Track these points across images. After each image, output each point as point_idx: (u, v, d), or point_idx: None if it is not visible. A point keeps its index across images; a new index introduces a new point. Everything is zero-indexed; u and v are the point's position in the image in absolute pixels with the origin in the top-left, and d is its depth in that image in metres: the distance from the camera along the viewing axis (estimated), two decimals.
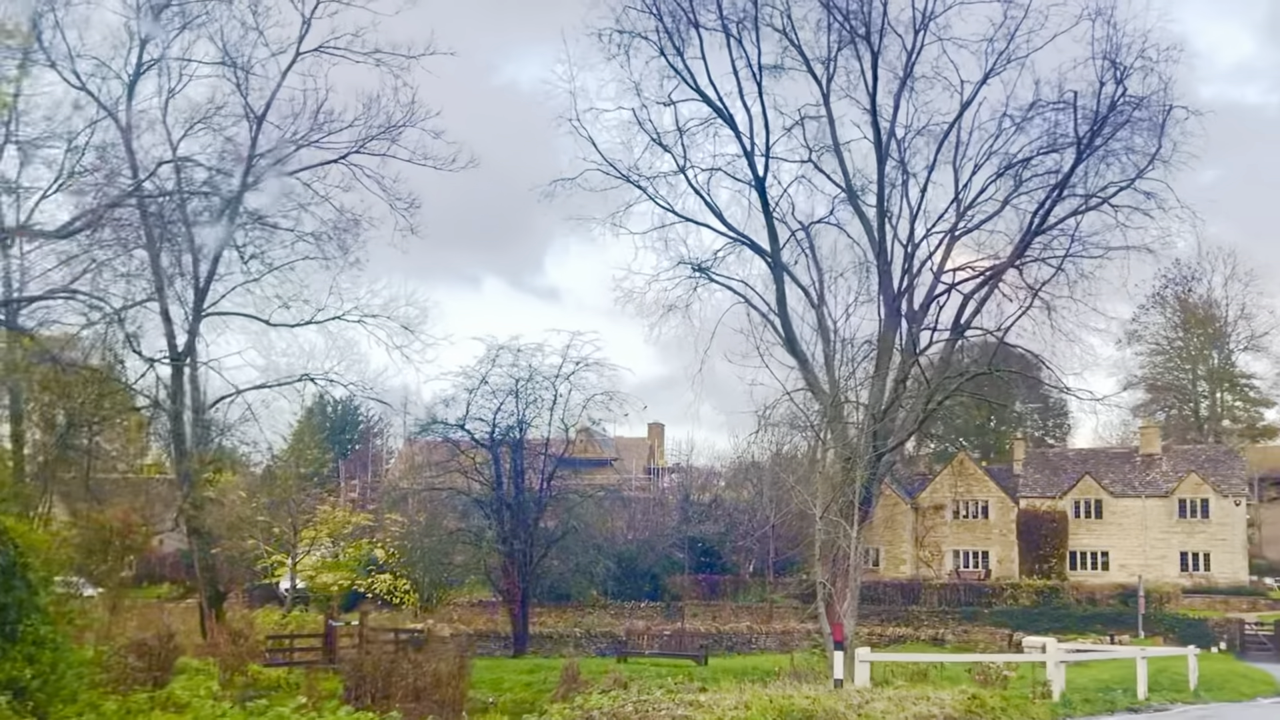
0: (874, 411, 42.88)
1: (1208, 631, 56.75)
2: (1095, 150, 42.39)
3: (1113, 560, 74.05)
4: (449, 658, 25.09)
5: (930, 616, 63.18)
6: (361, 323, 44.32)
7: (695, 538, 72.43)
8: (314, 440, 75.69)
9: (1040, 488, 76.96)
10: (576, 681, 28.69)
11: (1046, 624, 58.96)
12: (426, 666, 24.21)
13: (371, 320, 43.96)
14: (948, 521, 77.39)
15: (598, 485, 67.22)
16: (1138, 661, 29.14)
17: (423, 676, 24.21)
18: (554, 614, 58.93)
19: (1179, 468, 75.36)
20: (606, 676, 29.42)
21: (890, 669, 29.81)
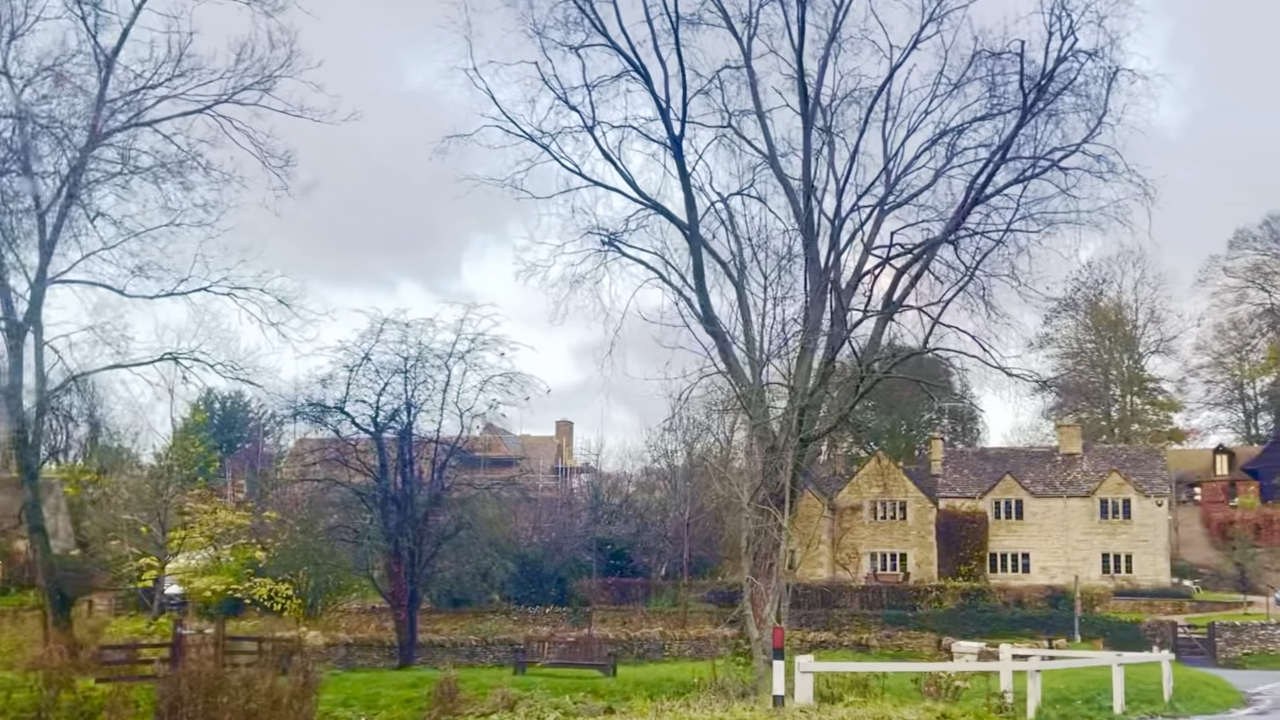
0: (800, 393, 37.96)
1: (1140, 635, 52.96)
2: (1041, 111, 38.08)
3: (1034, 562, 70.33)
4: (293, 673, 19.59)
5: (851, 620, 58.72)
6: (231, 295, 38.62)
7: (605, 539, 67.34)
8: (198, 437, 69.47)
9: (960, 488, 73.07)
10: (454, 700, 23.43)
11: (974, 628, 54.86)
12: (260, 684, 18.67)
13: (242, 293, 38.28)
14: (865, 523, 73.13)
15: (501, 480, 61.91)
16: (1114, 669, 24.61)
17: (256, 696, 18.62)
18: (450, 620, 53.43)
19: (1100, 467, 71.95)
20: (494, 693, 24.17)
21: (828, 680, 24.87)
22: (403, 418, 37.81)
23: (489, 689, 28.14)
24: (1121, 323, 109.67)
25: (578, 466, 77.97)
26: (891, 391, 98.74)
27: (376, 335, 37.04)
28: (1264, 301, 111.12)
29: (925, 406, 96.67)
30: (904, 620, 57.84)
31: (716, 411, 37.94)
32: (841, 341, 40.14)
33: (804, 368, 39.48)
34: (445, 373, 37.92)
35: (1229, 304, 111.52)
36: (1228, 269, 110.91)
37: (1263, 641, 51.80)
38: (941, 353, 39.13)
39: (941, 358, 43.67)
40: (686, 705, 17.35)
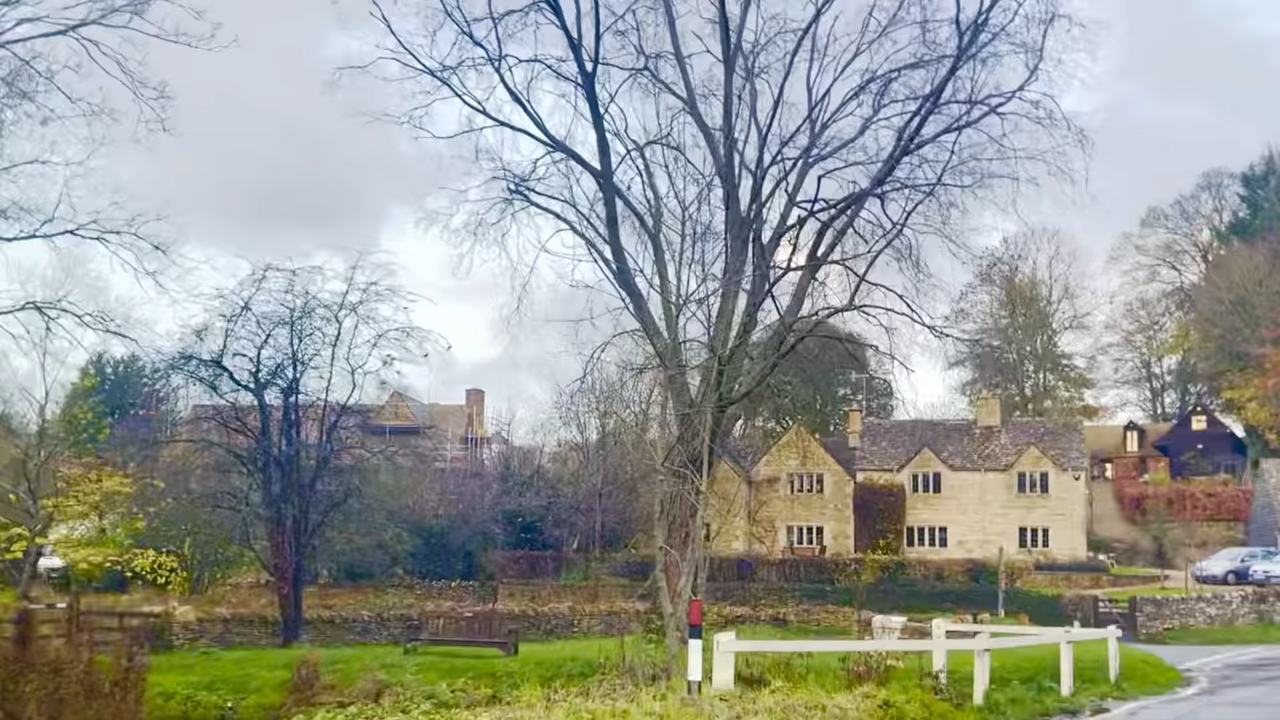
0: (719, 352, 34.91)
1: (1061, 609, 51.02)
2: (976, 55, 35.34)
3: (951, 536, 68.46)
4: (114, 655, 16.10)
5: (768, 594, 56.13)
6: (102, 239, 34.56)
7: (515, 511, 64.02)
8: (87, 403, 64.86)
9: (878, 460, 70.93)
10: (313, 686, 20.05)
11: (893, 602, 52.47)
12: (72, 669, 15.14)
13: (114, 238, 34.23)
14: (783, 495, 70.63)
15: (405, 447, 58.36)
16: (1063, 649, 22.01)
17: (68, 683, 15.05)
18: (348, 595, 49.79)
19: (1018, 441, 70.26)
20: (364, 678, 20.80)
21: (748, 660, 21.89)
22: (287, 374, 34.21)
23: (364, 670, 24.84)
24: (1036, 299, 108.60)
25: (489, 436, 74.44)
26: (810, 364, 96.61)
27: (257, 283, 33.37)
28: (1174, 280, 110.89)
29: (842, 381, 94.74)
30: (822, 594, 55.41)
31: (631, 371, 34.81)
32: (763, 297, 37.21)
33: (723, 325, 36.48)
34: (335, 326, 34.36)
35: (1140, 282, 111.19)
36: (1140, 247, 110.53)
37: (1183, 616, 50.15)
38: (868, 310, 36.48)
39: (860, 337, 41.08)
40: (585, 694, 14.25)
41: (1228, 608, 50.39)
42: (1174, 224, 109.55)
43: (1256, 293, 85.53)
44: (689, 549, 37.08)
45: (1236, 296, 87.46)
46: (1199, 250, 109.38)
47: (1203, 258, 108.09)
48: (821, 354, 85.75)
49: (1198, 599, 50.70)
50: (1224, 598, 50.93)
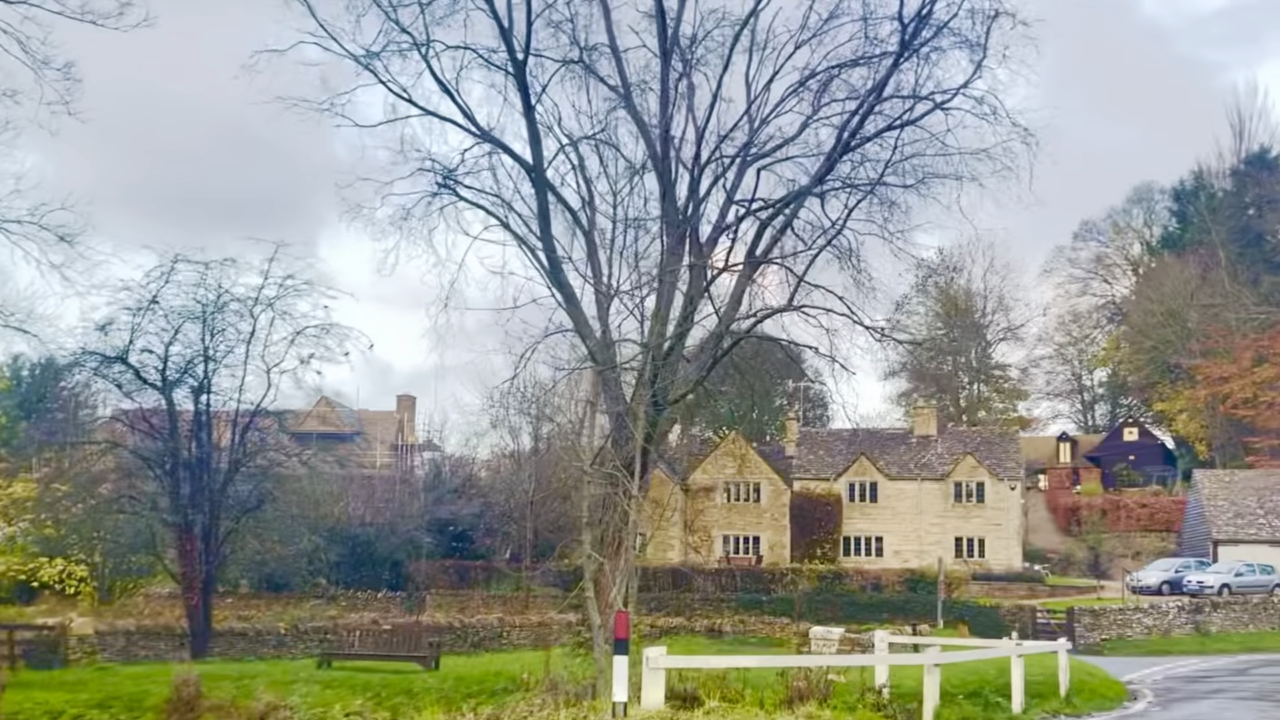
0: (654, 352, 33.27)
1: (999, 620, 49.96)
2: (921, 47, 34.09)
3: (887, 545, 67.39)
4: None
5: (704, 605, 54.57)
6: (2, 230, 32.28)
7: (445, 520, 61.97)
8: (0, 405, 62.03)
9: (814, 469, 69.73)
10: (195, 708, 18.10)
11: (831, 612, 51.26)
12: None
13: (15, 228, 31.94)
14: (718, 505, 69.18)
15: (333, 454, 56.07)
16: (1012, 661, 20.61)
17: None
18: (268, 606, 47.50)
19: (954, 450, 69.39)
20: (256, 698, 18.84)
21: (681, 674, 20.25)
22: (198, 372, 32.04)
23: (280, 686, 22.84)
24: (970, 311, 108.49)
25: (420, 443, 72.26)
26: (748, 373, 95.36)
27: (166, 275, 31.21)
28: (1106, 293, 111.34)
29: (779, 391, 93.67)
30: (758, 605, 53.94)
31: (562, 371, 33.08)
32: (699, 297, 35.72)
33: (659, 325, 34.92)
34: (250, 322, 32.26)
35: (1073, 294, 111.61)
36: (1072, 260, 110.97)
37: (1120, 627, 49.31)
38: (807, 310, 35.08)
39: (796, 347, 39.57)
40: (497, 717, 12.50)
41: (1164, 618, 49.63)
42: (1106, 237, 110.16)
43: (1188, 305, 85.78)
44: (621, 558, 35.45)
45: (1168, 309, 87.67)
46: (1130, 264, 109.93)
47: (1134, 271, 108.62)
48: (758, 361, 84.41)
49: (1135, 610, 49.90)
50: (1160, 608, 50.19)
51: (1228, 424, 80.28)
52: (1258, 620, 50.48)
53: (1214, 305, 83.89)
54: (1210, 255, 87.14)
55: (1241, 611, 50.65)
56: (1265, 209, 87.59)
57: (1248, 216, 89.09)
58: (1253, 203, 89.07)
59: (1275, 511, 65.75)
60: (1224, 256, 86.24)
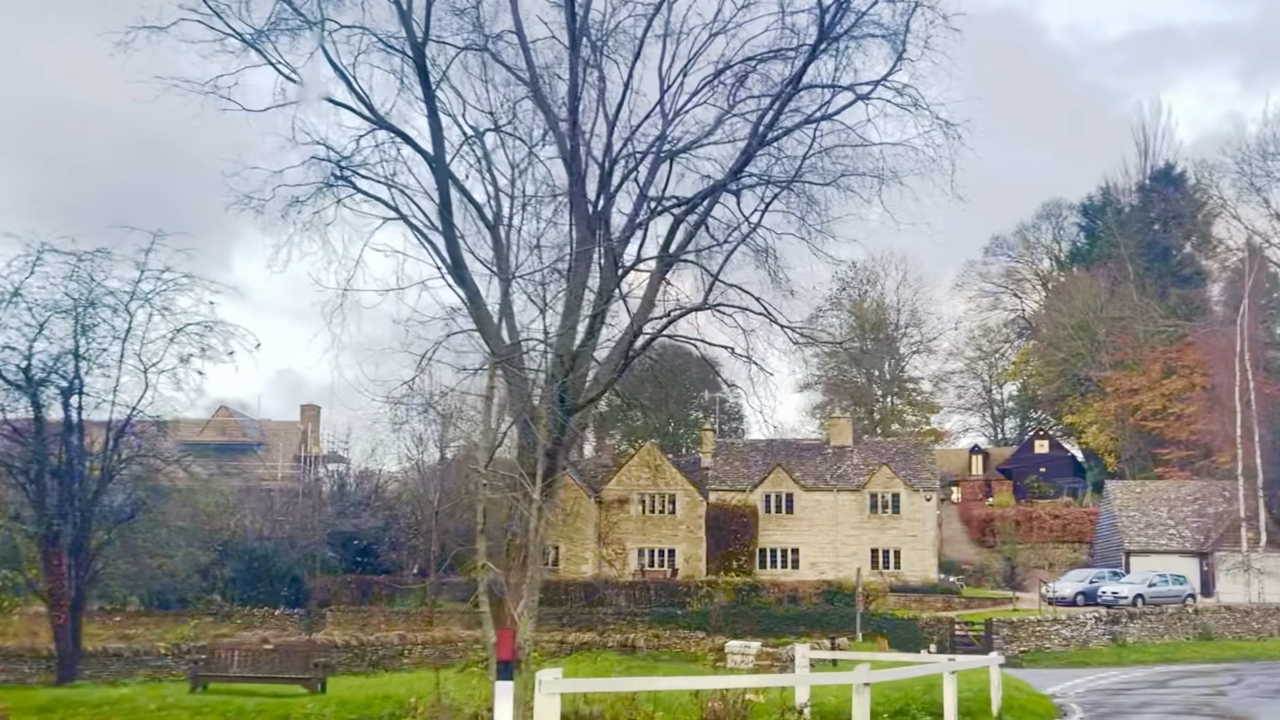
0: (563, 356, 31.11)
1: (917, 633, 48.54)
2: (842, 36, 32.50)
3: (803, 557, 65.86)
4: None
5: (617, 619, 52.37)
6: None
7: (349, 534, 59.14)
8: None
9: (730, 480, 68.00)
10: None
11: (747, 626, 49.41)
12: None
13: None
14: (633, 517, 67.11)
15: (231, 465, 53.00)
16: (945, 679, 18.80)
17: None
18: (157, 623, 44.39)
19: (870, 460, 68.19)
20: None
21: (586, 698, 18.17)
22: (67, 371, 29.18)
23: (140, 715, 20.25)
24: (884, 324, 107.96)
25: (324, 454, 69.22)
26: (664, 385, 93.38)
27: (32, 266, 28.34)
28: (1016, 308, 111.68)
29: (696, 405, 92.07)
30: (673, 618, 51.88)
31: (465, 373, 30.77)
32: (610, 295, 33.74)
33: (569, 325, 32.86)
34: (125, 318, 29.49)
35: (984, 308, 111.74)
36: (983, 274, 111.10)
37: (1039, 639, 48.17)
38: (722, 309, 33.30)
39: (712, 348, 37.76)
40: None
41: (1082, 629, 48.61)
42: (1016, 252, 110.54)
43: (1097, 318, 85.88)
44: (527, 570, 33.24)
45: (1078, 322, 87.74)
46: (1039, 279, 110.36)
47: (1043, 285, 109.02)
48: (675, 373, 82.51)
49: (1053, 621, 48.83)
50: (1078, 619, 49.18)
51: (1137, 436, 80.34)
52: (1173, 631, 49.71)
53: (1123, 318, 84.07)
54: (1119, 269, 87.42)
55: (1157, 622, 49.83)
56: (1170, 224, 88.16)
57: (1154, 231, 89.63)
58: (1158, 218, 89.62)
59: (1185, 522, 65.50)
60: (1132, 270, 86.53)
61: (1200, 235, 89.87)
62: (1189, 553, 63.48)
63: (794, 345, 34.65)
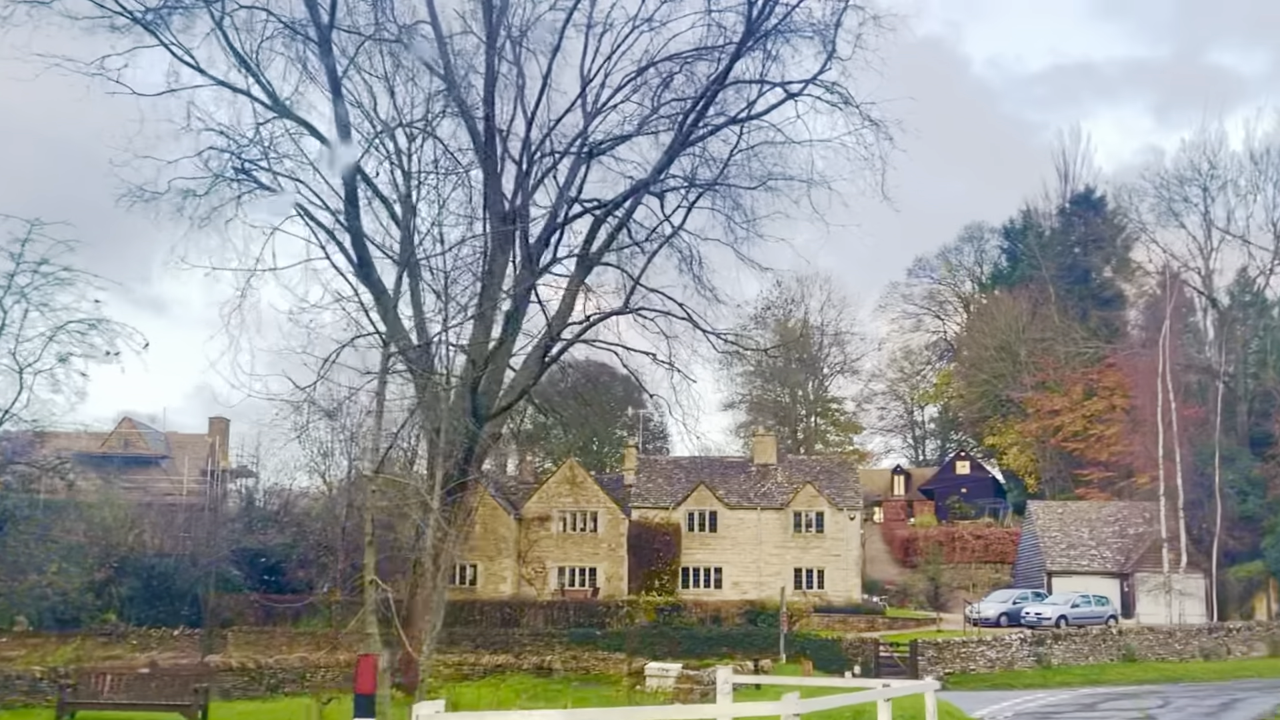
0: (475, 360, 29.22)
1: (841, 654, 47.08)
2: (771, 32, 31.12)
3: (726, 577, 64.21)
4: None
5: (534, 640, 50.27)
6: None
7: (256, 551, 56.28)
8: None
9: (653, 498, 66.24)
10: None
11: (668, 646, 47.59)
12: None
13: None
14: (554, 535, 64.97)
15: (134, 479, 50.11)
16: (880, 706, 17.08)
17: None
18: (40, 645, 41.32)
19: (794, 479, 66.83)
20: None
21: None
22: None
23: None
24: (808, 344, 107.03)
25: (233, 469, 66.16)
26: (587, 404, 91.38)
27: None
28: (938, 329, 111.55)
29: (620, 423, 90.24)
30: (592, 639, 49.86)
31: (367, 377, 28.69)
32: (527, 298, 31.89)
33: (482, 328, 30.92)
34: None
35: (906, 330, 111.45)
36: (906, 296, 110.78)
37: (964, 660, 46.89)
38: (644, 312, 31.68)
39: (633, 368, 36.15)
40: None
41: (1007, 650, 47.42)
42: (938, 274, 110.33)
43: (1018, 340, 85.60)
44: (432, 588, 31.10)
45: (1000, 343, 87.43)
46: (961, 301, 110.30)
47: (965, 308, 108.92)
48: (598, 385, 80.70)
49: (978, 642, 47.59)
50: (1003, 640, 48.00)
51: (1058, 456, 79.97)
52: (1097, 652, 48.75)
53: (1044, 339, 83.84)
54: (1040, 291, 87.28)
55: (1081, 643, 48.85)
56: (1090, 246, 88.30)
57: (1074, 254, 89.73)
58: (1079, 241, 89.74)
59: (1106, 543, 64.96)
60: (1053, 292, 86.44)
61: (1120, 259, 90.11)
62: (1110, 574, 62.88)
63: (718, 353, 33.29)
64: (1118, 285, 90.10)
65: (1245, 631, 52.63)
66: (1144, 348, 67.84)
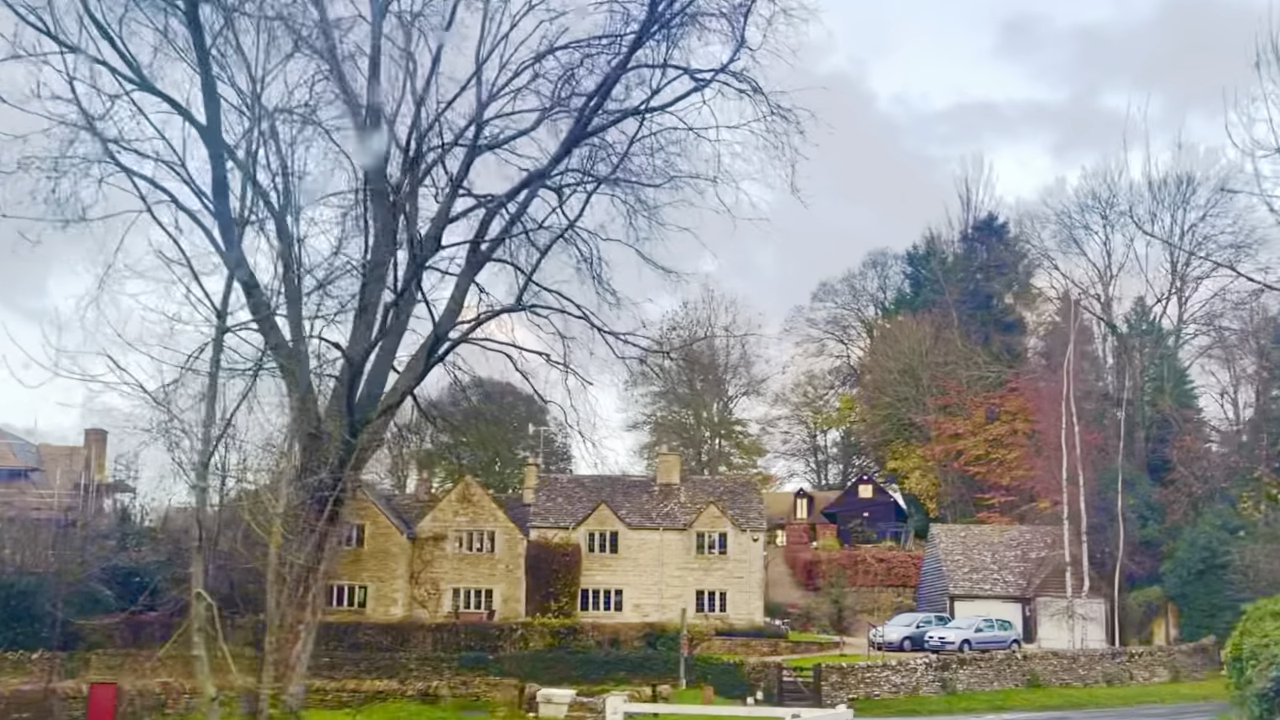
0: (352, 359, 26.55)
1: (743, 679, 45.01)
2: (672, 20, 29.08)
3: (627, 599, 61.78)
4: None
5: (422, 665, 47.35)
6: None
7: (129, 569, 52.41)
8: None
9: (553, 517, 63.62)
10: None
11: (564, 671, 45.16)
12: None
13: None
14: (449, 555, 61.99)
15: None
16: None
17: None
18: None
19: (697, 499, 64.75)
20: None
21: None
22: None
23: None
24: (713, 366, 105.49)
25: (110, 483, 62.01)
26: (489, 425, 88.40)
27: None
28: (842, 354, 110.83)
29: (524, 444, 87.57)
30: (485, 663, 47.09)
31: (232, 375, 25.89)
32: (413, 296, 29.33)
33: (363, 327, 28.30)
34: None
35: (811, 354, 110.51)
36: (811, 320, 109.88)
37: (869, 685, 45.11)
38: (537, 310, 29.34)
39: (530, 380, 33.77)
40: None
41: (912, 675, 45.77)
42: (843, 299, 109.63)
43: (922, 364, 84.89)
44: (307, 610, 28.34)
45: (903, 366, 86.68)
46: (865, 326, 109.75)
47: (869, 333, 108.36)
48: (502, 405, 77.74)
49: (883, 667, 45.84)
50: (908, 665, 46.34)
51: (960, 480, 79.26)
52: (1002, 678, 47.36)
53: (947, 363, 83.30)
54: (943, 316, 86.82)
55: (986, 668, 47.40)
56: (993, 272, 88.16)
57: (977, 280, 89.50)
58: (981, 266, 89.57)
59: (1009, 567, 64.00)
60: (956, 317, 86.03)
61: (1021, 285, 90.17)
62: (1012, 598, 61.85)
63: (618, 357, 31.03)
64: (1019, 311, 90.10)
65: (1147, 657, 51.80)
66: (1049, 372, 67.36)
